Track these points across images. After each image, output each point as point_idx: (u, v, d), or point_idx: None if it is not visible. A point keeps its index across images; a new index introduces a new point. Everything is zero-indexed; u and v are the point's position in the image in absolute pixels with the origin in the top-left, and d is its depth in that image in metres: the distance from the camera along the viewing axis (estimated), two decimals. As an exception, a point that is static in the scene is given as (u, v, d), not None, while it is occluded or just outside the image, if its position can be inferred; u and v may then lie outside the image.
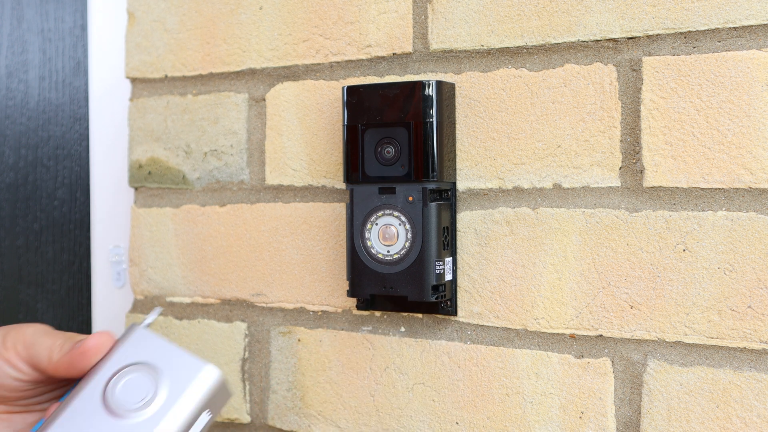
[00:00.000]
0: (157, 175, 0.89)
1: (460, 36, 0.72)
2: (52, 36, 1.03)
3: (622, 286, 0.66)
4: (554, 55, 0.69)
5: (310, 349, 0.80)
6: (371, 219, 0.72)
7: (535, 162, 0.70)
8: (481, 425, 0.72)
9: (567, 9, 0.68)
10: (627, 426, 0.66)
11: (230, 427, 0.85)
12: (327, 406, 0.79)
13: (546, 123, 0.69)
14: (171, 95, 0.88)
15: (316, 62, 0.79)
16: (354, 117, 0.73)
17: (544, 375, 0.69)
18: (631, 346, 0.66)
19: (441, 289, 0.71)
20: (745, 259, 0.62)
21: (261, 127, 0.83)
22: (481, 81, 0.72)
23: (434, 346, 0.74)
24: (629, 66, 0.66)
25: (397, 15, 0.75)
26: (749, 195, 0.62)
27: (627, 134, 0.66)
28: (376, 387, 0.76)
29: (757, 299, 0.62)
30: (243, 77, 0.84)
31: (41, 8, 1.03)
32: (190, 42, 0.87)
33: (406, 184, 0.71)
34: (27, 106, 1.04)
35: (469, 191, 0.72)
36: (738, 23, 0.62)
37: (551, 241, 0.69)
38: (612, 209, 0.67)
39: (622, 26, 0.66)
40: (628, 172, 0.66)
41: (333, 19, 0.78)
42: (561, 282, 0.69)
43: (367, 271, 0.72)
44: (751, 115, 0.62)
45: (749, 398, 0.62)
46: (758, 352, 0.62)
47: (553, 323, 0.69)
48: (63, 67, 1.03)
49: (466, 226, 0.72)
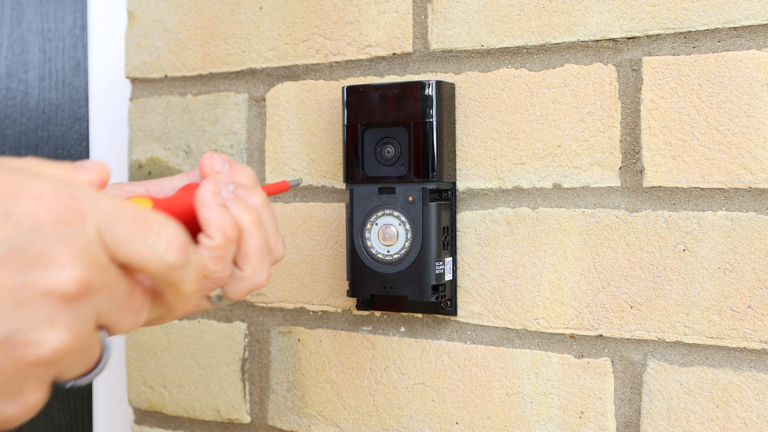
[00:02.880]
0: (157, 175, 0.89)
1: (460, 36, 0.72)
2: (52, 36, 1.03)
3: (622, 286, 0.66)
4: (554, 55, 0.69)
5: (310, 349, 0.80)
6: (371, 219, 0.72)
7: (535, 162, 0.70)
8: (481, 425, 0.72)
9: (567, 9, 0.68)
10: (627, 426, 0.66)
11: (230, 427, 0.85)
12: (327, 406, 0.79)
13: (546, 123, 0.69)
14: (171, 95, 0.88)
15: (316, 62, 0.79)
16: (354, 117, 0.73)
17: (544, 375, 0.69)
18: (631, 346, 0.66)
19: (441, 289, 0.71)
20: (745, 259, 0.62)
21: (261, 127, 0.83)
22: (481, 81, 0.72)
23: (434, 346, 0.74)
24: (629, 66, 0.66)
25: (397, 15, 0.75)
26: (749, 195, 0.62)
27: (627, 134, 0.66)
28: (376, 387, 0.76)
29: (757, 299, 0.62)
30: (243, 77, 0.84)
31: (41, 8, 1.03)
32: (190, 42, 0.87)
33: (406, 184, 0.70)
34: (27, 106, 1.04)
35: (469, 191, 0.72)
36: (738, 23, 0.62)
37: (551, 241, 0.69)
38: (612, 209, 0.67)
39: (622, 26, 0.66)
40: (628, 172, 0.66)
41: (333, 19, 0.78)
42: (561, 282, 0.69)
43: (367, 271, 0.72)
44: (751, 115, 0.62)
45: (749, 398, 0.62)
46: (758, 352, 0.62)
47: (553, 323, 0.69)
48: (63, 67, 1.03)
49: (466, 226, 0.72)
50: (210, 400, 0.85)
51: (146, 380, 0.89)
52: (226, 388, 0.84)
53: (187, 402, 0.87)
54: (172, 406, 0.88)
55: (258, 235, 0.50)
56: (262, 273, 0.51)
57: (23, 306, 0.36)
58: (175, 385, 0.87)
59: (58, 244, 0.37)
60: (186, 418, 0.87)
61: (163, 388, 0.88)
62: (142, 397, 0.89)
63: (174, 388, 0.87)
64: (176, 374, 0.87)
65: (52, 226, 0.37)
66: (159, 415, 0.89)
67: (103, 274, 0.38)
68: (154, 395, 0.89)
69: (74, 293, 0.37)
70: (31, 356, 0.36)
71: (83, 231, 0.38)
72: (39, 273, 0.36)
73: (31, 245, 0.36)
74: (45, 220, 0.37)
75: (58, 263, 0.36)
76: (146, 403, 0.89)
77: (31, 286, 0.36)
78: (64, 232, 0.37)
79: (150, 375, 0.89)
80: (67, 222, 0.37)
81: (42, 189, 0.37)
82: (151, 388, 0.89)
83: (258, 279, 0.51)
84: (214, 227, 0.47)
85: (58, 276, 0.36)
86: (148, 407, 0.89)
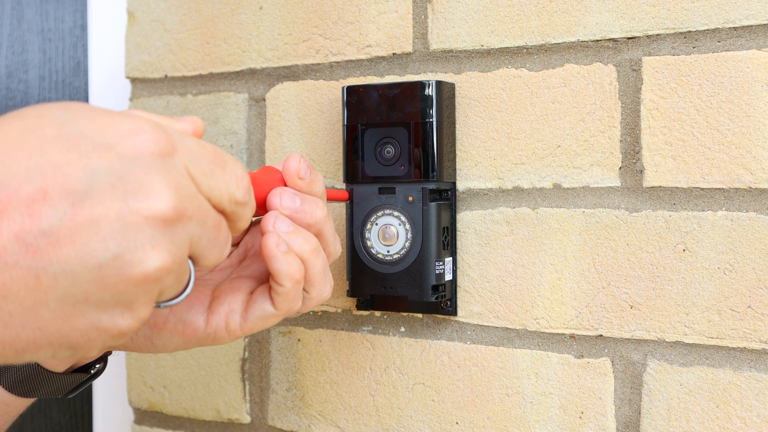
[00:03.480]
0: (157, 175, 0.89)
1: (460, 36, 0.72)
2: (52, 36, 1.03)
3: (622, 286, 0.66)
4: (554, 55, 0.69)
5: (310, 349, 0.80)
6: (371, 219, 0.72)
7: (535, 162, 0.70)
8: (481, 425, 0.72)
9: (567, 9, 0.68)
10: (627, 426, 0.66)
11: (230, 427, 0.85)
12: (327, 406, 0.79)
13: (546, 123, 0.69)
14: (171, 95, 0.88)
15: (316, 62, 0.79)
16: (354, 117, 0.73)
17: (544, 375, 0.69)
18: (631, 346, 0.66)
19: (441, 289, 0.71)
20: (745, 259, 0.62)
21: (261, 127, 0.83)
22: (481, 81, 0.72)
23: (434, 346, 0.74)
24: (629, 66, 0.66)
25: (397, 15, 0.75)
26: (749, 195, 0.62)
27: (627, 134, 0.66)
28: (376, 387, 0.76)
29: (757, 299, 0.62)
30: (243, 77, 0.84)
31: (41, 8, 1.03)
32: (190, 42, 0.87)
33: (406, 184, 0.71)
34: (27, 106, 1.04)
35: (469, 191, 0.72)
36: (738, 23, 0.62)
37: (551, 241, 0.69)
38: (612, 209, 0.67)
39: (622, 26, 0.66)
40: (628, 172, 0.66)
41: (333, 19, 0.78)
42: (561, 282, 0.69)
43: (367, 271, 0.72)
44: (751, 115, 0.62)
45: (749, 398, 0.62)
46: (758, 352, 0.62)
47: (553, 323, 0.69)
48: (63, 67, 1.03)
49: (466, 226, 0.72)
50: (210, 400, 0.85)
51: (146, 380, 0.89)
52: (226, 388, 0.84)
53: (187, 402, 0.87)
54: (172, 406, 0.88)
55: (319, 261, 0.55)
56: (325, 290, 0.57)
57: (129, 229, 0.39)
58: (175, 385, 0.87)
59: (155, 174, 0.40)
60: (186, 418, 0.87)
61: (163, 388, 0.88)
62: (142, 397, 0.89)
63: (174, 388, 0.87)
64: (176, 374, 0.87)
65: (149, 157, 0.41)
66: (159, 415, 0.89)
67: (193, 203, 0.42)
68: (154, 395, 0.89)
69: (172, 217, 0.41)
70: (138, 273, 0.40)
71: (174, 163, 0.42)
72: (140, 199, 0.40)
73: (131, 174, 0.40)
74: (143, 150, 0.41)
75: (156, 191, 0.40)
76: (146, 403, 0.89)
77: (134, 212, 0.39)
78: (160, 163, 0.41)
79: (150, 375, 0.89)
80: (162, 154, 0.41)
81: (138, 124, 0.41)
82: (151, 388, 0.89)
83: (323, 296, 0.57)
84: (282, 276, 0.53)
85: (156, 201, 0.40)
86: (148, 407, 0.89)
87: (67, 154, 0.39)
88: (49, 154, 0.39)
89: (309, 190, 0.58)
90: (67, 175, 0.38)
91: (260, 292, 0.56)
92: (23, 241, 0.37)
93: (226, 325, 0.55)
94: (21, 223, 0.37)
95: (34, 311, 0.39)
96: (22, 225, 0.37)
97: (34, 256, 0.38)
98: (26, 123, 0.40)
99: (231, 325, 0.55)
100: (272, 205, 0.56)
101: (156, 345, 0.56)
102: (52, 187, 0.38)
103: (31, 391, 0.62)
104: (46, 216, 0.38)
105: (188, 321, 0.55)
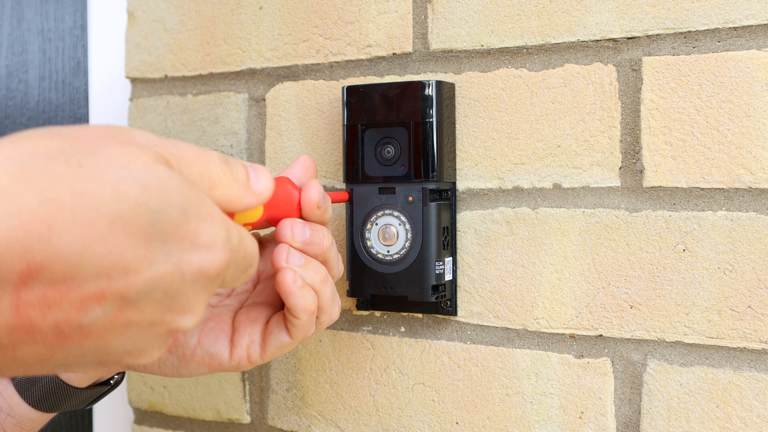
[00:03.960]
0: (157, 175, 0.89)
1: (460, 36, 0.72)
2: (52, 36, 1.03)
3: (622, 286, 0.66)
4: (554, 55, 0.69)
5: (310, 349, 0.80)
6: (371, 219, 0.72)
7: (535, 162, 0.70)
8: (481, 425, 0.72)
9: (567, 9, 0.68)
10: (627, 426, 0.66)
11: (230, 427, 0.85)
12: (327, 406, 0.79)
13: (546, 123, 0.69)
14: (171, 95, 0.88)
15: (316, 62, 0.79)
16: (354, 117, 0.73)
17: (544, 375, 0.69)
18: (631, 346, 0.66)
19: (441, 289, 0.71)
20: (745, 259, 0.62)
21: (261, 127, 0.83)
22: (481, 81, 0.72)
23: (434, 346, 0.74)
24: (629, 66, 0.66)
25: (397, 15, 0.75)
26: (749, 195, 0.62)
27: (627, 134, 0.66)
28: (376, 387, 0.76)
29: (757, 299, 0.62)
30: (243, 77, 0.84)
31: (41, 8, 1.03)
32: (190, 42, 0.87)
33: (405, 184, 0.70)
34: (27, 106, 1.04)
35: (469, 191, 0.72)
36: (738, 23, 0.62)
37: (551, 241, 0.69)
38: (612, 209, 0.67)
39: (622, 26, 0.66)
40: (628, 172, 0.66)
41: (333, 19, 0.78)
42: (561, 282, 0.69)
43: (367, 271, 0.72)
44: (751, 115, 0.62)
45: (749, 398, 0.62)
46: (758, 352, 0.62)
47: (553, 323, 0.69)
48: (63, 67, 1.03)
49: (466, 226, 0.72)
50: (210, 400, 0.85)
51: (146, 380, 0.89)
52: (226, 388, 0.84)
53: (187, 402, 0.87)
54: (172, 406, 0.88)
55: (327, 289, 0.58)
56: (334, 313, 0.60)
57: (150, 335, 0.41)
58: (175, 384, 0.87)
59: (201, 295, 0.43)
60: (186, 418, 0.87)
61: (163, 388, 0.88)
62: (142, 397, 0.89)
63: (174, 387, 0.87)
64: (176, 374, 0.87)
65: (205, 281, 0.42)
66: (159, 415, 0.89)
67: None
68: (154, 395, 0.89)
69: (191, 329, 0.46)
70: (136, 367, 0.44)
71: (220, 279, 0.44)
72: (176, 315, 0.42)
73: (182, 296, 0.42)
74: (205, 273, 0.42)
75: (193, 311, 0.42)
76: (146, 403, 0.89)
77: (164, 323, 0.41)
78: (210, 284, 0.43)
79: (150, 375, 0.89)
80: (217, 276, 0.43)
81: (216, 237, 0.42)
82: (151, 388, 0.89)
83: (333, 318, 0.60)
84: (299, 310, 0.55)
85: (189, 319, 0.42)
86: (148, 407, 0.89)
87: (141, 262, 0.39)
88: (125, 256, 0.38)
89: (321, 219, 0.59)
90: (129, 285, 0.38)
91: (275, 323, 0.58)
92: (59, 329, 0.38)
93: (248, 356, 0.58)
94: (67, 316, 0.38)
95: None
96: (67, 317, 0.38)
97: (59, 340, 0.38)
98: (122, 208, 0.38)
99: (252, 356, 0.58)
100: (283, 237, 0.57)
101: (182, 373, 0.59)
102: (111, 291, 0.38)
103: (55, 407, 0.65)
104: (92, 313, 0.38)
105: (214, 354, 0.57)
